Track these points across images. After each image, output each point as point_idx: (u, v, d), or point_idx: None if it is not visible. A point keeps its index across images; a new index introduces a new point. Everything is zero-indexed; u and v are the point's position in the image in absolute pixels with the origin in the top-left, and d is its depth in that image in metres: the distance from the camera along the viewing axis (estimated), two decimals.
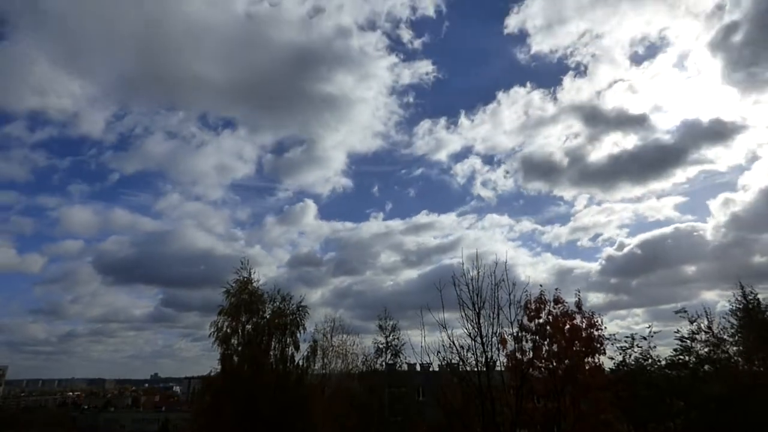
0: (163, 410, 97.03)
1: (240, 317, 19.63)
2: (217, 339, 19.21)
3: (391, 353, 24.41)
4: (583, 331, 16.90)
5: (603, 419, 15.77)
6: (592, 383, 16.03)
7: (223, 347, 19.22)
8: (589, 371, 16.43)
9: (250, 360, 18.77)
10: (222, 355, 19.17)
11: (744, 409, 14.97)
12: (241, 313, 19.67)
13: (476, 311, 15.93)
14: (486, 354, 15.73)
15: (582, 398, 16.08)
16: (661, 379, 16.54)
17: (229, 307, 19.66)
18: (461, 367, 16.81)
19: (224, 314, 19.55)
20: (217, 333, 19.27)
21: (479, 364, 15.81)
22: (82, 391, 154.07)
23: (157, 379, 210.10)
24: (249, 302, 19.96)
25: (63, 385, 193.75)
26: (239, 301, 19.80)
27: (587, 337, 16.82)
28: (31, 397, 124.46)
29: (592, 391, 16.00)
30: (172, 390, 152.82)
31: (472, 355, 16.02)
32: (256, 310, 19.89)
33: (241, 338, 19.45)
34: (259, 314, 19.92)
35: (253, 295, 20.34)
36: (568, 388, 16.09)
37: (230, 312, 19.55)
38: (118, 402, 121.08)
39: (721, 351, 17.66)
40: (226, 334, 19.30)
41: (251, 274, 20.95)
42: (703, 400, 15.64)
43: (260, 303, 20.28)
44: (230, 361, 19.07)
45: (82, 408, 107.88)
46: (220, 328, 19.35)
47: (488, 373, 15.63)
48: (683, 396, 15.20)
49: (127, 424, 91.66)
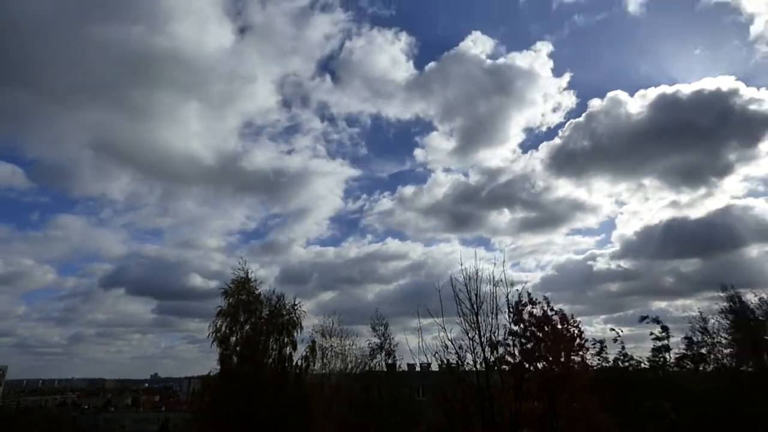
0: (163, 410, 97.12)
1: (238, 317, 19.63)
2: (216, 339, 19.21)
3: (385, 353, 24.36)
4: (563, 329, 16.87)
5: (596, 419, 15.70)
6: (582, 382, 15.99)
7: (222, 347, 19.23)
8: (576, 370, 16.38)
9: (249, 360, 18.79)
10: (221, 356, 19.15)
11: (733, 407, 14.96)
12: (240, 313, 19.68)
13: (474, 311, 15.93)
14: (485, 354, 15.72)
15: (575, 398, 16.05)
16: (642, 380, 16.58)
17: (227, 308, 19.68)
18: (460, 367, 16.79)
19: (223, 315, 19.56)
20: (216, 333, 19.27)
21: (478, 364, 15.79)
22: (82, 391, 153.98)
23: (157, 379, 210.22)
24: (247, 302, 19.95)
25: (63, 385, 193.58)
26: (237, 302, 19.82)
27: (569, 337, 16.78)
28: (30, 398, 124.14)
29: (584, 390, 15.96)
30: (172, 390, 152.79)
31: (471, 354, 16.01)
32: (254, 310, 19.88)
33: (239, 338, 19.48)
34: (257, 314, 19.91)
35: (251, 295, 20.34)
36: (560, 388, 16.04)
37: (228, 312, 19.56)
38: (118, 402, 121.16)
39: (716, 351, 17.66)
40: (225, 334, 19.32)
41: (249, 275, 20.95)
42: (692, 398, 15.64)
43: (258, 303, 20.29)
44: (229, 361, 19.07)
45: (82, 408, 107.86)
46: (218, 328, 19.35)
47: (487, 373, 15.60)
48: (667, 395, 15.19)
49: (127, 424, 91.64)
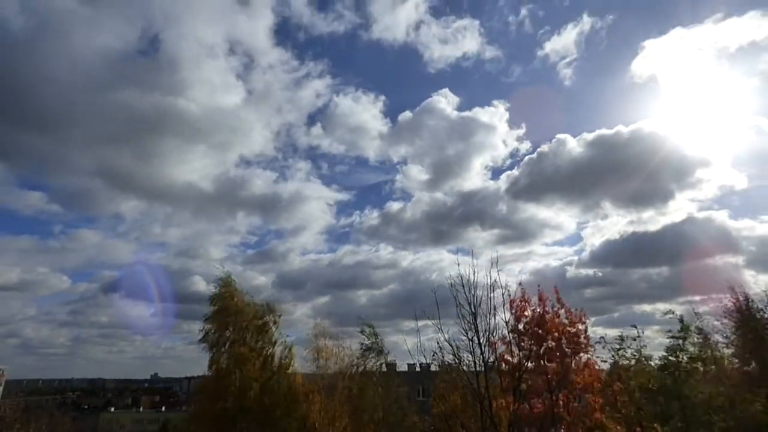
0: (163, 410, 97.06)
1: (225, 321, 20.58)
2: (207, 343, 20.28)
3: (376, 353, 24.32)
4: (568, 327, 16.52)
5: (596, 420, 15.41)
6: (584, 383, 15.71)
7: (212, 351, 20.20)
8: (578, 369, 16.08)
9: (236, 361, 19.56)
10: (211, 359, 20.10)
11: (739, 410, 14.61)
12: (225, 317, 20.61)
13: (472, 311, 15.65)
14: (483, 354, 15.47)
15: (574, 398, 15.78)
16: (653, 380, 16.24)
17: (213, 314, 20.69)
18: (459, 367, 16.56)
19: (210, 320, 20.60)
20: (206, 337, 20.33)
21: (477, 364, 15.55)
22: (82, 392, 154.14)
23: (157, 379, 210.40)
24: (232, 307, 20.82)
25: (63, 385, 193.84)
26: (223, 307, 20.75)
27: (574, 335, 16.45)
28: (30, 398, 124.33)
29: (585, 391, 15.68)
30: (172, 390, 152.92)
31: (470, 354, 15.75)
32: (238, 313, 20.76)
33: (226, 341, 20.43)
34: (241, 316, 20.80)
35: (234, 299, 21.21)
36: (561, 388, 15.77)
37: (215, 318, 20.59)
38: (118, 402, 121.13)
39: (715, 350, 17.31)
40: (214, 338, 20.32)
41: (231, 280, 21.84)
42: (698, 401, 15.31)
43: (243, 305, 21.15)
44: (219, 363, 19.99)
45: (82, 408, 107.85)
46: (207, 333, 20.40)
47: (486, 374, 15.36)
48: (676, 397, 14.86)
49: (127, 424, 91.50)
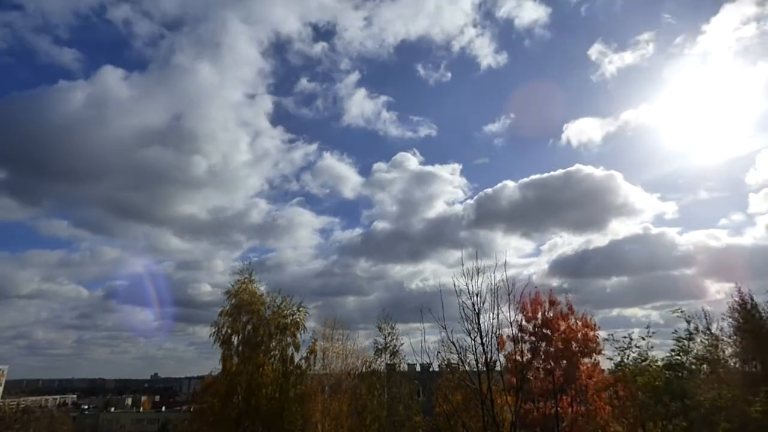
0: (163, 410, 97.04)
1: (240, 318, 19.67)
2: (218, 339, 19.29)
3: (390, 353, 24.38)
4: (578, 331, 16.94)
5: (600, 420, 15.74)
6: (589, 384, 16.03)
7: (223, 348, 19.30)
8: (586, 372, 16.44)
9: (250, 360, 18.81)
10: (222, 356, 19.23)
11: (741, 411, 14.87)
12: (242, 313, 19.71)
13: (475, 311, 15.94)
14: (486, 354, 15.73)
15: (580, 399, 16.08)
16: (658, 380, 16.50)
17: (229, 308, 19.71)
18: (461, 367, 16.81)
19: (225, 315, 19.61)
20: (218, 333, 19.35)
21: (479, 364, 15.79)
22: (82, 392, 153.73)
23: (157, 379, 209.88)
24: (249, 303, 19.97)
25: (63, 385, 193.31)
26: (240, 302, 19.84)
27: (583, 338, 16.86)
28: (30, 398, 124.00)
29: (590, 392, 15.98)
30: (172, 390, 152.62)
31: (472, 354, 16.01)
32: (256, 311, 19.89)
33: (241, 339, 19.51)
34: (259, 314, 19.91)
35: (254, 295, 20.37)
36: (566, 389, 16.09)
37: (230, 312, 19.60)
38: (118, 402, 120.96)
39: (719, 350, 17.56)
40: (227, 334, 19.38)
41: (252, 275, 21.03)
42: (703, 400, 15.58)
43: (260, 303, 20.29)
44: (230, 361, 19.13)
45: (82, 408, 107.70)
46: (220, 328, 19.43)
47: (488, 374, 15.63)
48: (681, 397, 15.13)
49: (127, 424, 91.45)
